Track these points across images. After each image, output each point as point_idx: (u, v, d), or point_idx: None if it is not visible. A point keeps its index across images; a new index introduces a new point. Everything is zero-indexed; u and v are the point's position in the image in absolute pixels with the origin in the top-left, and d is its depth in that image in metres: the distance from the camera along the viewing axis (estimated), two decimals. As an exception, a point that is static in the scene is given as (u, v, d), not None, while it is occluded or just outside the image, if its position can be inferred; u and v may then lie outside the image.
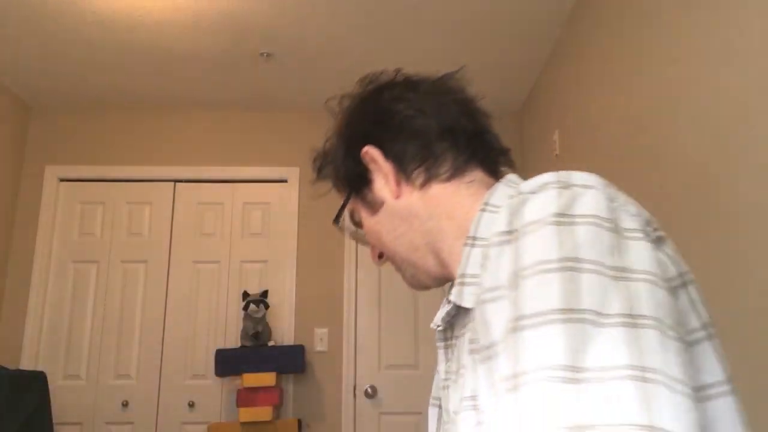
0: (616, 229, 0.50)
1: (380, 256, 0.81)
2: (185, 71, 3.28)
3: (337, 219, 0.80)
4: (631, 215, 0.53)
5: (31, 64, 3.19)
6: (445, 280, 0.75)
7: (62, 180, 3.66)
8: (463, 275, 0.64)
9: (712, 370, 0.53)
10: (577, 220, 0.50)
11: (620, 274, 0.48)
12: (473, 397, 0.56)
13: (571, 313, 0.45)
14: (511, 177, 0.71)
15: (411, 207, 0.73)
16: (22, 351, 3.39)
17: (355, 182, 0.76)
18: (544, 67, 3.23)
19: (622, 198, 0.55)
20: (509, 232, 0.54)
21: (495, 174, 0.74)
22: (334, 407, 3.44)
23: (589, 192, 0.53)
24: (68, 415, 3.31)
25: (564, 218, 0.50)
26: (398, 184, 0.73)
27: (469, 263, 0.64)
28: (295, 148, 3.65)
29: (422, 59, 3.13)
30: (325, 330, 3.52)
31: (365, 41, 3.01)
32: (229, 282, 3.57)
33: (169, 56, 3.12)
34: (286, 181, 3.69)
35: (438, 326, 0.69)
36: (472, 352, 0.58)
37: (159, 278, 3.56)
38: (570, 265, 0.48)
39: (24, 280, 3.47)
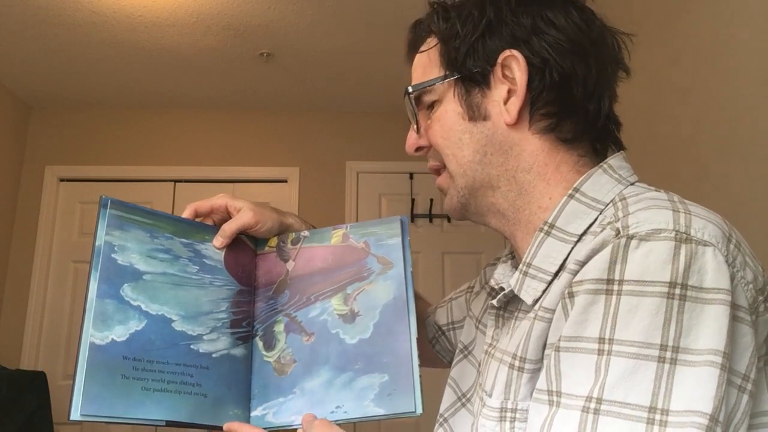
0: (733, 307, 0.46)
1: (418, 149, 0.69)
2: (185, 71, 3.28)
3: (417, 87, 0.67)
4: (746, 284, 0.49)
5: (31, 64, 3.19)
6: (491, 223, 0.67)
7: (62, 180, 3.65)
8: (528, 264, 0.59)
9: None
10: (691, 293, 0.46)
11: (725, 362, 0.45)
12: None
13: (662, 414, 0.44)
14: (613, 162, 0.62)
15: (516, 144, 0.62)
16: (22, 351, 3.38)
17: (471, 72, 0.63)
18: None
19: (740, 257, 0.49)
20: (608, 281, 0.48)
21: (600, 158, 0.65)
22: (334, 407, 3.44)
23: (707, 253, 0.47)
24: (68, 415, 3.30)
25: (677, 290, 0.46)
26: (519, 112, 0.61)
27: (538, 253, 0.59)
28: (295, 148, 3.66)
29: (422, 59, 3.13)
30: (325, 330, 3.52)
31: (366, 41, 3.01)
32: (229, 282, 3.56)
33: (169, 56, 3.12)
34: (286, 181, 3.69)
35: (493, 305, 0.65)
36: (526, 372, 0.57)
37: (159, 278, 3.56)
38: (671, 356, 0.45)
39: (24, 280, 3.47)
